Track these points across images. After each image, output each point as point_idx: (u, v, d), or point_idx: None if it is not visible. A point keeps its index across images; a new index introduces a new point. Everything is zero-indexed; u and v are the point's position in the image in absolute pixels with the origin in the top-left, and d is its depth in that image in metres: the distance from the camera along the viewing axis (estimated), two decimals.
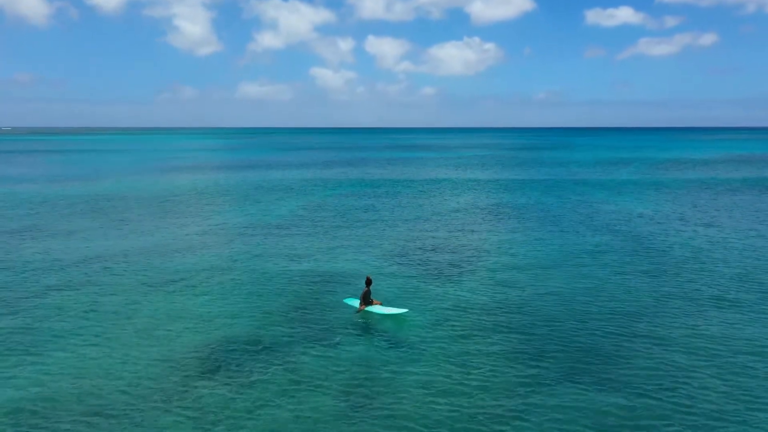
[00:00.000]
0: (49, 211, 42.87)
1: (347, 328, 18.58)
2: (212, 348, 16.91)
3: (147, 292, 22.54)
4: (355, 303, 20.75)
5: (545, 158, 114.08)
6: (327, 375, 15.11)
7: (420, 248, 30.30)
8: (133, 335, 17.94)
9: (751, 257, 27.82)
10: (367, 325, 18.93)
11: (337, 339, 17.58)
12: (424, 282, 23.88)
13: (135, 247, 30.58)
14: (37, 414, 13.20)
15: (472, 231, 35.25)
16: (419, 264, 26.92)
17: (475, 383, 14.57)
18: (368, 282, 20.54)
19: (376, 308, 20.12)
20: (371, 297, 20.42)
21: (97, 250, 29.66)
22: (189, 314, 19.87)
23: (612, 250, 29.58)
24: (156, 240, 32.42)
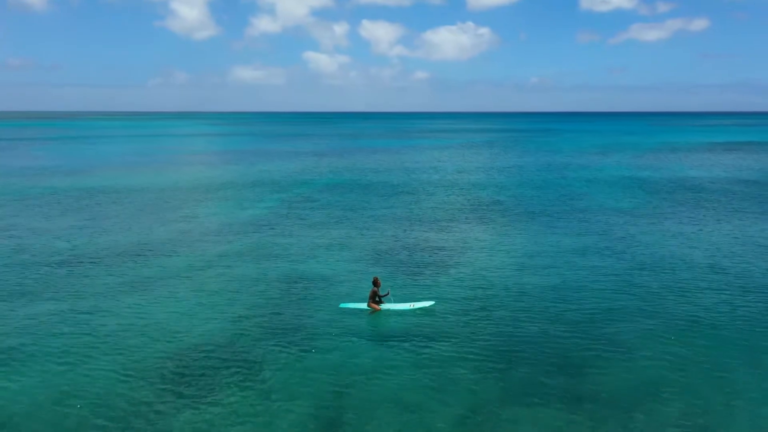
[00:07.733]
0: (23, 208, 42.32)
1: (324, 335, 18.36)
2: (186, 359, 16.65)
3: (118, 297, 22.10)
4: (357, 306, 20.70)
5: (535, 146, 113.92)
6: (300, 388, 14.98)
7: (402, 246, 30.11)
8: (101, 346, 17.55)
9: (733, 264, 27.88)
10: (339, 331, 18.68)
11: (313, 347, 17.43)
12: (404, 282, 23.71)
13: (107, 247, 30.14)
14: None
15: (455, 228, 35.13)
16: (398, 263, 26.77)
17: (447, 396, 14.50)
18: (376, 282, 20.62)
19: (400, 306, 20.30)
20: (378, 296, 20.59)
21: (68, 251, 29.22)
22: (163, 321, 19.58)
23: (610, 248, 29.60)
24: (131, 240, 31.98)
